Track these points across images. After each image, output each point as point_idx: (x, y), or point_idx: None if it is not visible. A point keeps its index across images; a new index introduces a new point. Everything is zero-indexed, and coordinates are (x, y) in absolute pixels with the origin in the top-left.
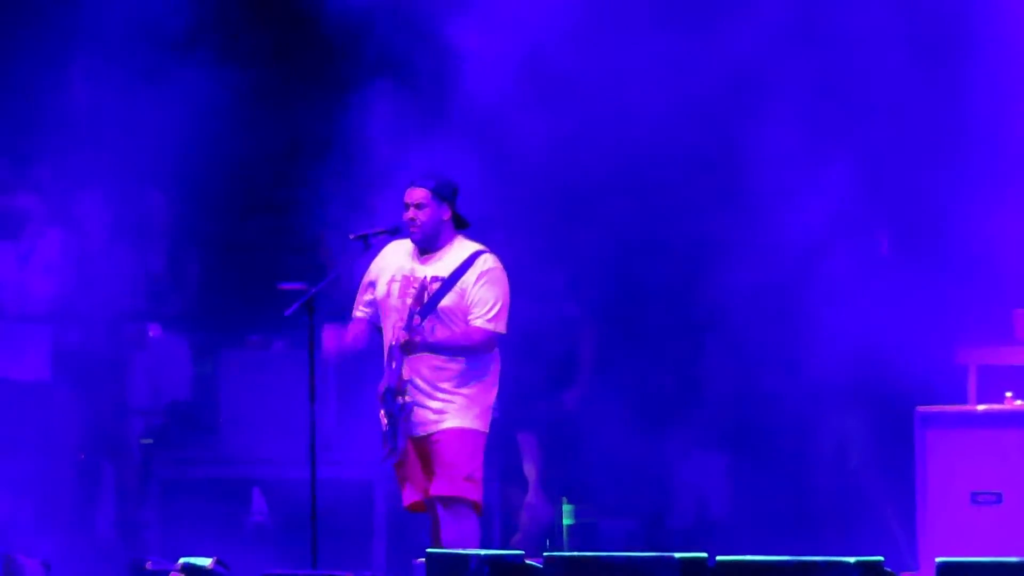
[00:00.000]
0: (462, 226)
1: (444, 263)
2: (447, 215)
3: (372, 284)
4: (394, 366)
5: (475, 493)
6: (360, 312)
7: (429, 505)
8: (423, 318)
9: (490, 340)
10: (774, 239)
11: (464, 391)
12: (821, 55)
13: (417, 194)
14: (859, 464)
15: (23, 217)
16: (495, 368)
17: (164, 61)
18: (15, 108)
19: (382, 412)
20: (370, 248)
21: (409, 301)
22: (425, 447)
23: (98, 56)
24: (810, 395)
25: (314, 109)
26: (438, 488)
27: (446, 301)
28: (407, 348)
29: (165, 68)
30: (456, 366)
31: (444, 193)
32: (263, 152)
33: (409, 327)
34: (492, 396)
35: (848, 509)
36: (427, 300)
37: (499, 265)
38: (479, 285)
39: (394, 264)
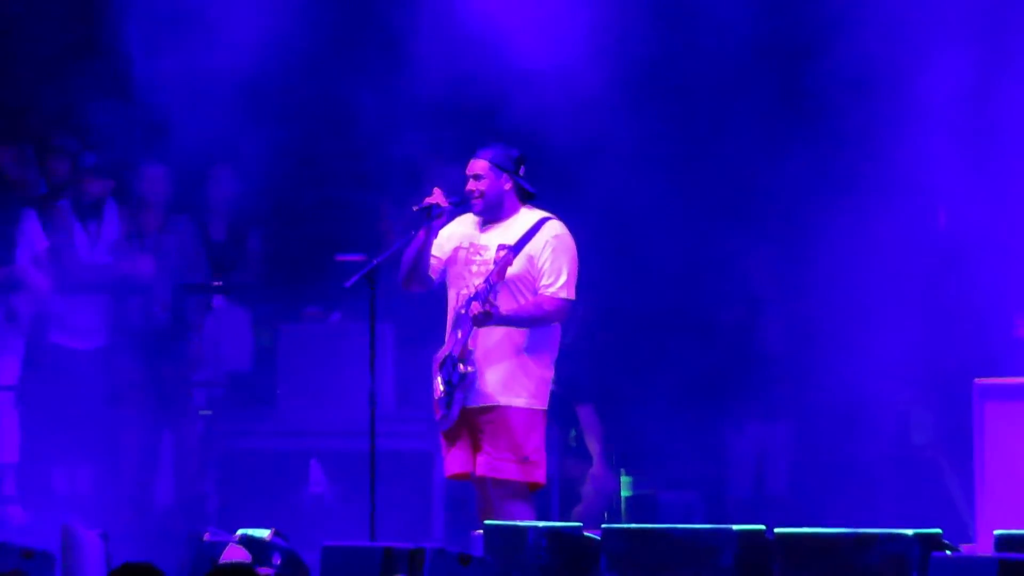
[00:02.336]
0: (528, 197)
1: (510, 231)
2: (508, 185)
3: (441, 248)
4: (460, 336)
5: (532, 474)
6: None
7: (477, 480)
8: (496, 290)
9: (562, 308)
10: (831, 210)
11: (524, 365)
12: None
13: (475, 165)
14: (919, 436)
15: (98, 200)
16: (555, 340)
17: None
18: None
19: (438, 379)
20: (432, 220)
21: (475, 269)
22: (476, 421)
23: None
24: (869, 366)
25: (373, 84)
26: (492, 469)
27: (513, 269)
28: (480, 320)
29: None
30: (519, 338)
31: (503, 164)
32: (324, 124)
33: (485, 299)
34: (551, 370)
35: (908, 481)
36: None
37: (566, 231)
38: (547, 252)
39: (461, 232)
